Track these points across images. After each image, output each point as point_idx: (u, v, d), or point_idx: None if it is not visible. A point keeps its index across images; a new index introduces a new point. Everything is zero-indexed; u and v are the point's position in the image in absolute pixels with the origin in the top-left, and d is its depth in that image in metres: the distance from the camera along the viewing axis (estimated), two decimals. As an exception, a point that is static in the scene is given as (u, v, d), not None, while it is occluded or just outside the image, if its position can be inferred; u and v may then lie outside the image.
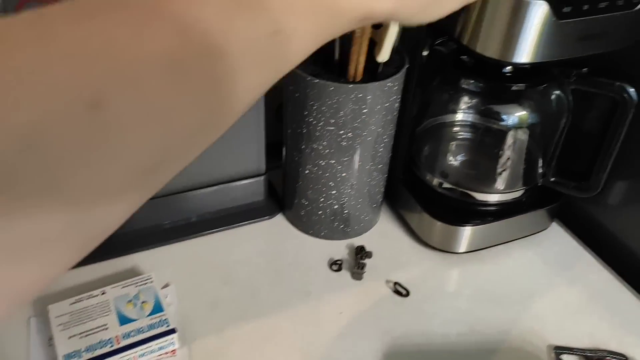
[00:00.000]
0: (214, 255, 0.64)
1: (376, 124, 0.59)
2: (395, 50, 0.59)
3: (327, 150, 0.59)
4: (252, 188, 0.69)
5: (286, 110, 0.61)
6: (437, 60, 0.62)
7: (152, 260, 0.62)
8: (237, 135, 0.64)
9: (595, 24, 0.49)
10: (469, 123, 0.66)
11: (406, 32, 0.60)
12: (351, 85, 0.55)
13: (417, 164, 0.68)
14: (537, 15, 0.47)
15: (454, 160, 0.69)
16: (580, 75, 0.57)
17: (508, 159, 0.65)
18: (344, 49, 0.55)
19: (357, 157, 0.60)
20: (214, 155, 0.64)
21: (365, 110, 0.57)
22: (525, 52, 0.49)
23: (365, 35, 0.52)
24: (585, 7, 0.47)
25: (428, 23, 0.31)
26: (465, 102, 0.64)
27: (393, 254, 0.66)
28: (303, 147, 0.61)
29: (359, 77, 0.56)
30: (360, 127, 0.58)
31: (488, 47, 0.51)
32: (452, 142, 0.69)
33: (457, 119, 0.67)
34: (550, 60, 0.51)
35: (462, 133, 0.68)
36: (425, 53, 0.59)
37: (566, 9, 0.47)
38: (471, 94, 0.62)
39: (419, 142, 0.68)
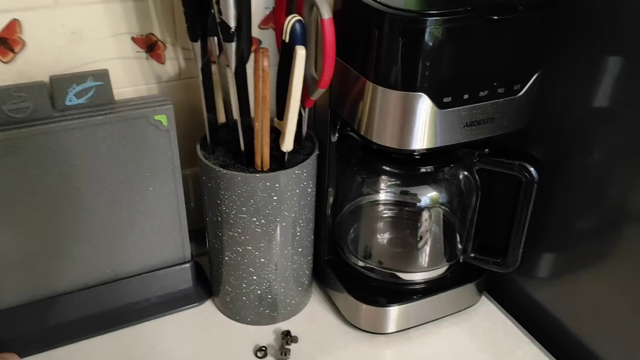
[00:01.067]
0: (136, 347, 0.64)
1: (289, 210, 0.60)
2: (307, 137, 0.62)
3: (243, 237, 0.60)
4: (179, 275, 0.69)
5: (203, 199, 0.62)
6: (350, 145, 0.64)
7: (77, 355, 0.62)
8: (160, 224, 0.65)
9: (478, 111, 0.51)
10: (387, 204, 0.68)
11: (318, 119, 0.63)
12: (258, 175, 0.57)
13: (341, 246, 0.69)
14: (421, 106, 0.49)
15: (376, 240, 0.70)
16: (482, 155, 0.60)
17: (427, 237, 0.66)
18: (249, 141, 0.57)
19: (274, 243, 0.61)
20: (138, 245, 0.65)
21: (275, 198, 0.58)
22: (417, 139, 0.52)
23: (264, 129, 0.54)
24: (466, 96, 0.50)
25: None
26: (380, 184, 0.66)
27: (321, 338, 0.66)
28: (220, 234, 0.62)
29: (266, 166, 0.58)
30: (273, 214, 0.59)
31: (383, 137, 0.53)
32: (373, 223, 0.70)
33: (375, 200, 0.68)
34: (444, 146, 0.53)
35: (383, 214, 0.69)
36: (334, 140, 0.61)
37: (446, 99, 0.49)
38: (385, 176, 0.64)
39: (342, 224, 0.69)
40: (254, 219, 0.59)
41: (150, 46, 0.63)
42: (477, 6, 0.46)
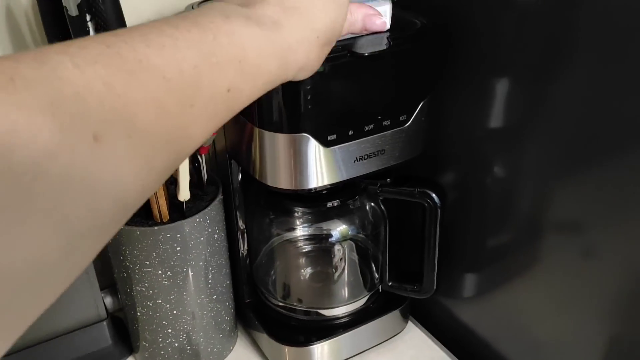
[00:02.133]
0: (50, 416, 0.61)
1: (197, 259, 0.59)
2: (211, 181, 0.61)
3: (151, 291, 0.59)
4: (96, 334, 0.67)
5: (110, 256, 0.61)
6: (256, 187, 0.63)
7: None
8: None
9: (366, 145, 0.51)
10: (300, 241, 0.67)
11: (220, 164, 0.62)
12: (157, 228, 0.55)
13: (260, 287, 0.68)
14: (308, 147, 0.49)
15: (293, 279, 0.69)
16: (385, 185, 0.60)
17: (342, 270, 0.66)
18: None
19: (185, 293, 0.60)
20: (49, 307, 0.62)
21: (179, 248, 0.57)
22: (310, 179, 0.51)
23: (156, 181, 0.53)
24: (351, 132, 0.50)
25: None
26: (290, 222, 0.65)
27: (247, 383, 0.65)
28: (129, 290, 0.60)
29: (165, 217, 0.56)
30: (179, 265, 0.58)
31: (277, 180, 0.52)
32: (289, 262, 0.69)
33: (288, 239, 0.67)
34: (337, 182, 0.52)
35: (297, 252, 0.68)
36: (237, 185, 0.60)
37: (331, 137, 0.49)
38: (293, 214, 0.64)
39: (260, 266, 0.68)
40: (160, 272, 0.58)
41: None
42: (347, 44, 0.47)
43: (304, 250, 0.67)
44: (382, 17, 0.47)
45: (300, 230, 0.65)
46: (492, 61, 0.53)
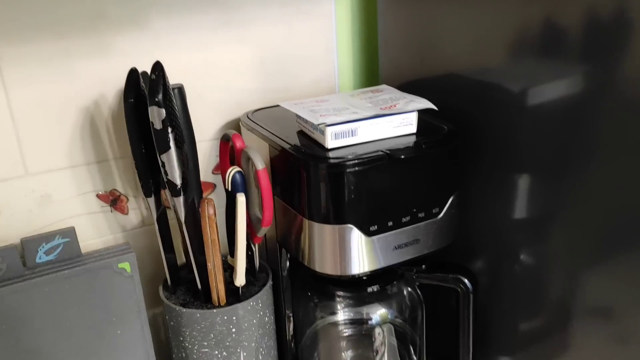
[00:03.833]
0: None
1: (249, 340, 0.64)
2: (261, 269, 0.68)
3: (207, 371, 0.64)
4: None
5: (169, 337, 0.66)
6: (302, 273, 0.69)
7: None
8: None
9: (403, 235, 0.58)
10: (343, 324, 0.72)
11: (269, 253, 0.69)
12: (215, 310, 0.61)
13: (305, 369, 0.72)
14: (351, 236, 0.56)
15: (338, 360, 0.73)
16: (420, 271, 0.65)
17: (382, 353, 0.70)
18: (205, 279, 0.63)
19: (237, 373, 0.64)
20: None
21: (234, 330, 0.62)
22: (353, 265, 0.58)
23: (217, 267, 0.60)
24: (390, 223, 0.57)
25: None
26: (333, 307, 0.70)
27: None
28: (186, 370, 0.65)
29: (223, 301, 0.62)
30: (233, 345, 0.63)
31: (323, 266, 0.59)
32: (332, 345, 0.74)
33: (331, 322, 0.72)
34: (378, 269, 0.58)
35: (340, 335, 0.73)
36: (285, 272, 0.67)
37: (372, 228, 0.56)
38: (336, 299, 0.69)
39: (305, 348, 0.73)
40: (216, 352, 0.63)
41: (114, 200, 0.70)
42: (387, 149, 0.54)
43: (345, 334, 0.72)
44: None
45: (342, 314, 0.70)
46: (510, 160, 0.60)
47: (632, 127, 0.48)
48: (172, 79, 0.58)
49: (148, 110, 0.51)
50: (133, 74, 0.55)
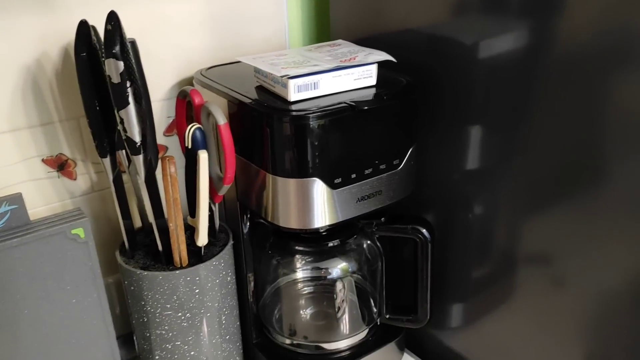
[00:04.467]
0: None
1: (212, 300, 0.63)
2: (220, 230, 0.67)
3: (171, 334, 0.63)
4: (112, 384, 0.69)
5: (127, 303, 0.65)
6: (262, 231, 0.69)
7: None
8: (87, 335, 0.66)
9: (366, 186, 0.59)
10: (304, 281, 0.73)
11: (229, 212, 0.68)
12: (178, 271, 0.60)
13: (267, 327, 0.73)
14: (316, 189, 0.56)
15: (299, 317, 0.74)
16: (379, 224, 0.67)
17: (344, 306, 0.71)
18: (166, 241, 0.61)
19: (202, 334, 0.64)
20: (62, 358, 0.65)
21: (197, 290, 0.62)
22: (318, 218, 0.58)
23: (179, 227, 0.59)
24: (353, 175, 0.57)
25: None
26: (295, 263, 0.71)
27: (259, 421, 0.68)
28: (148, 334, 0.64)
29: (185, 262, 0.61)
30: (197, 306, 0.62)
31: (288, 220, 0.59)
32: (294, 301, 0.75)
33: (292, 279, 0.73)
34: (342, 221, 0.59)
35: (301, 291, 0.74)
36: (245, 230, 0.66)
37: (337, 180, 0.56)
38: (297, 255, 0.70)
39: (266, 306, 0.73)
40: (179, 314, 0.62)
41: (60, 165, 0.67)
42: (350, 101, 0.55)
43: (308, 289, 0.73)
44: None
45: (303, 271, 0.71)
46: (465, 113, 0.62)
47: (571, 83, 0.50)
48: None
49: (103, 64, 0.49)
50: (83, 26, 0.52)
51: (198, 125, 0.56)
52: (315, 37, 0.83)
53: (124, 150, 0.60)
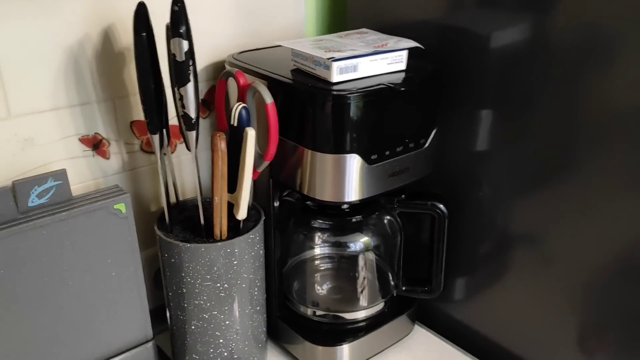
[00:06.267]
0: None
1: (247, 272, 0.67)
2: (251, 207, 0.70)
3: (209, 304, 0.66)
4: (142, 357, 0.72)
5: (164, 276, 0.68)
6: (287, 208, 0.73)
7: None
8: (123, 307, 0.68)
9: (397, 163, 0.64)
10: (326, 255, 0.77)
11: (257, 190, 0.72)
12: (219, 244, 0.64)
13: (290, 300, 0.77)
14: (354, 164, 0.60)
15: (321, 289, 0.79)
16: (400, 201, 0.72)
17: (364, 278, 0.76)
18: (208, 215, 0.65)
19: (236, 305, 0.68)
20: (103, 330, 0.67)
21: (235, 262, 0.65)
22: (352, 192, 0.62)
23: (223, 202, 0.62)
24: (387, 152, 0.62)
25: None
26: (318, 238, 0.75)
27: (285, 387, 0.72)
28: (185, 305, 0.67)
29: (224, 235, 0.65)
30: (234, 277, 0.66)
31: (324, 193, 0.63)
32: (316, 274, 0.79)
33: (315, 254, 0.77)
34: (374, 195, 0.64)
35: (323, 264, 0.78)
36: (276, 205, 0.70)
37: (373, 157, 0.61)
38: (321, 230, 0.74)
39: (289, 280, 0.77)
40: (218, 284, 0.65)
41: (95, 144, 0.69)
42: (388, 82, 0.59)
43: (330, 262, 0.77)
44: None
45: (327, 245, 0.76)
46: (477, 98, 0.67)
47: (565, 78, 0.57)
48: (156, 20, 0.58)
49: (169, 42, 0.52)
50: (141, 7, 0.55)
51: (243, 105, 0.60)
52: (329, 27, 0.87)
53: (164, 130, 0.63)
